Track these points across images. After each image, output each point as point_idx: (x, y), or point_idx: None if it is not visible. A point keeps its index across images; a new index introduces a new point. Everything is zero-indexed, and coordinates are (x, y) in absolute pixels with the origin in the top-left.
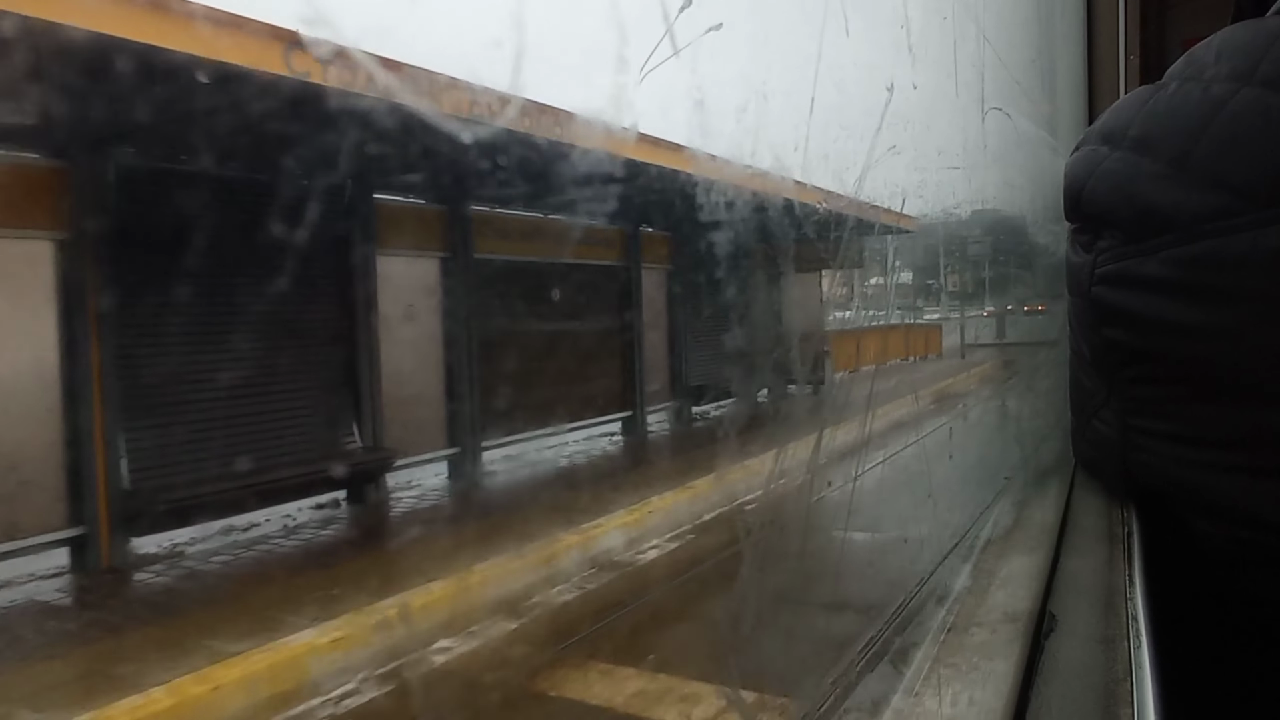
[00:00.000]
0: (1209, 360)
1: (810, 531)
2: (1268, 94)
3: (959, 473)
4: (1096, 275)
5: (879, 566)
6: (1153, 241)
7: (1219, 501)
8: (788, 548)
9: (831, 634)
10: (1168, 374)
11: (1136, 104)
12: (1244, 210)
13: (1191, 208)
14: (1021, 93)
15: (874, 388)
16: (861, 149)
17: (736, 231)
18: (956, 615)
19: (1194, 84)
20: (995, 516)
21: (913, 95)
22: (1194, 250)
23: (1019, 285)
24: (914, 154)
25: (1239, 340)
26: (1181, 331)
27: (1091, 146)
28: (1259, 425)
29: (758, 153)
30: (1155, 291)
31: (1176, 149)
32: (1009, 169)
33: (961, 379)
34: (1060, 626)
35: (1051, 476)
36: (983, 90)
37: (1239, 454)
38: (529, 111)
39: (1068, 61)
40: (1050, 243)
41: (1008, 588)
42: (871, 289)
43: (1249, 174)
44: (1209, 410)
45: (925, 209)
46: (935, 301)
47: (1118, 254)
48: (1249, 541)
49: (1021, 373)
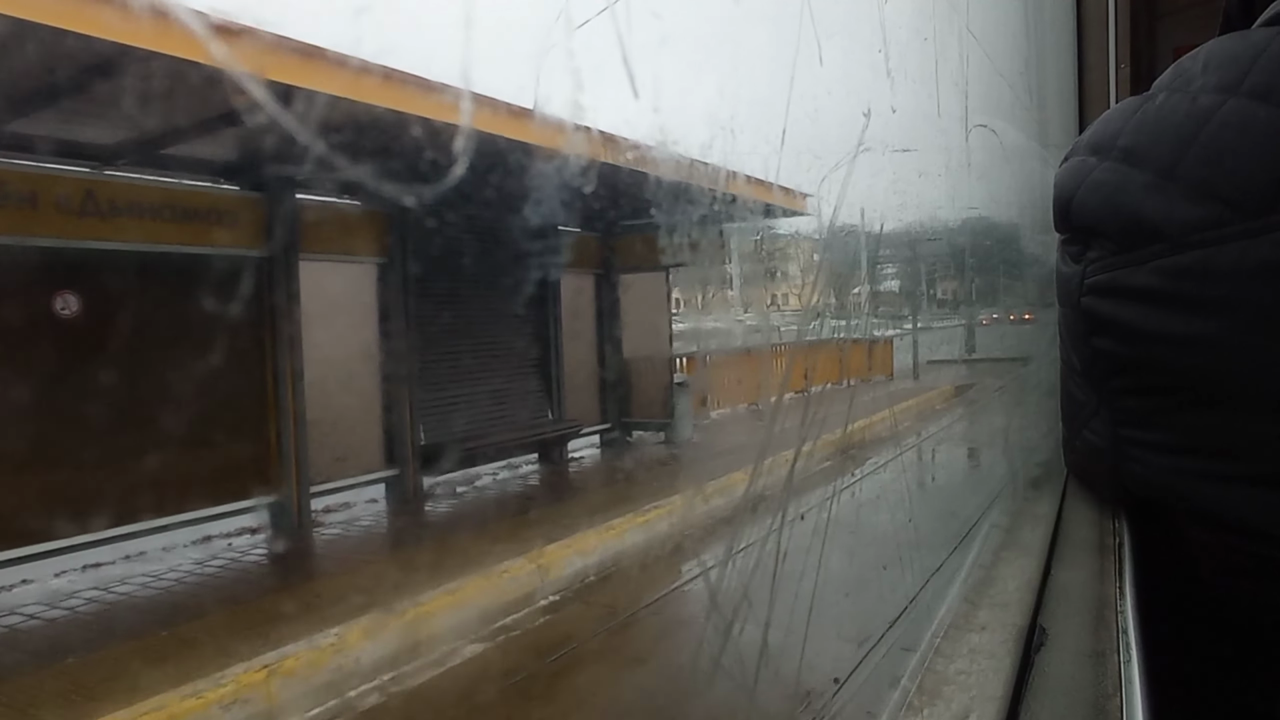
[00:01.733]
0: (1199, 369)
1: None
2: (1254, 105)
3: (860, 600)
4: (1086, 285)
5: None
6: (1142, 252)
7: (1210, 510)
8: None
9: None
10: (1158, 384)
11: (1125, 115)
12: (1232, 220)
13: (1180, 218)
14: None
15: (774, 428)
16: (837, 177)
17: (505, 203)
18: (947, 629)
19: (1181, 95)
20: (986, 528)
21: (891, 119)
22: (1183, 260)
23: (997, 294)
24: (893, 176)
25: (1228, 349)
26: (1171, 341)
27: (1081, 157)
28: (1249, 434)
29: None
30: (1145, 301)
31: (1165, 160)
32: (994, 184)
33: (904, 408)
34: (1050, 640)
35: (1043, 486)
36: (966, 107)
37: (1230, 463)
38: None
39: (1057, 72)
40: (1032, 248)
41: (998, 600)
42: (782, 296)
43: (1237, 184)
44: (1199, 419)
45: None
46: (906, 311)
47: (1107, 264)
48: (1240, 550)
49: (985, 400)
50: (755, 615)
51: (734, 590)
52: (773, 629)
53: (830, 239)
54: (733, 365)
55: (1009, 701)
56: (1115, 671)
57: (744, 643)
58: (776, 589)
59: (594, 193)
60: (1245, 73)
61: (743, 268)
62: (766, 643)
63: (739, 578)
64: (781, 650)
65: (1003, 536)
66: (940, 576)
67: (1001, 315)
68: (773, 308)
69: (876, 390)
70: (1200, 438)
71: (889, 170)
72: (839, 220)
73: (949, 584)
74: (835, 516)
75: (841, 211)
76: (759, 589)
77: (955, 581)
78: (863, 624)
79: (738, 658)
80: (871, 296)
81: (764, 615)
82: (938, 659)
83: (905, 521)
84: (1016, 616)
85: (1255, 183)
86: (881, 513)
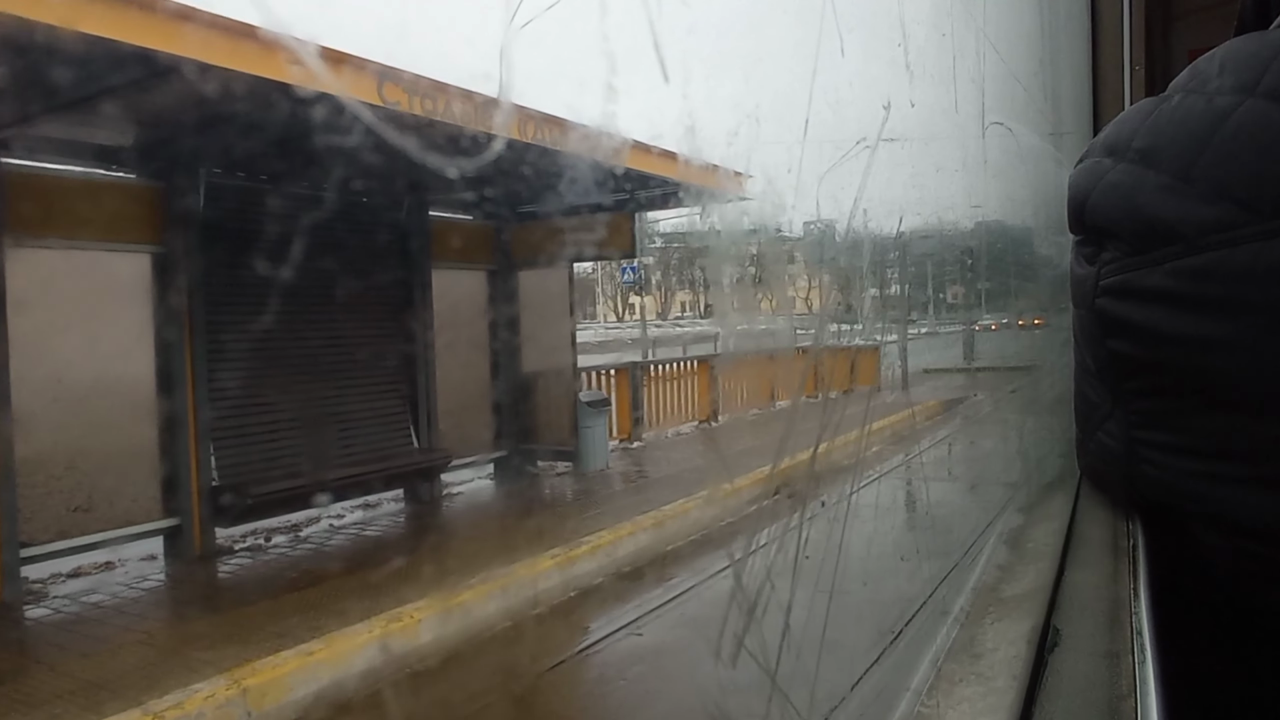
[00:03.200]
0: (1214, 372)
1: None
2: (1271, 106)
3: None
4: (1101, 287)
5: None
6: (1157, 253)
7: (1225, 514)
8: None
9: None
10: (1173, 385)
11: (1140, 116)
12: (1248, 222)
13: (1196, 220)
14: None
15: (717, 452)
16: (857, 168)
17: (352, 179)
18: (960, 630)
19: (1198, 96)
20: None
21: (910, 113)
22: (1198, 262)
23: (1006, 296)
24: (911, 170)
25: (1244, 351)
26: (1186, 343)
27: (1095, 159)
28: (1265, 437)
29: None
30: (1160, 303)
31: (1181, 161)
32: (1010, 182)
33: (879, 429)
34: (1064, 641)
35: (1057, 489)
36: (983, 104)
37: (1245, 466)
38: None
39: (1072, 73)
40: (1045, 250)
41: (1012, 601)
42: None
43: (1253, 186)
44: (1214, 422)
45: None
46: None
47: (1122, 266)
48: (1255, 554)
49: (977, 417)
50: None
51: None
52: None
53: (806, 235)
54: (682, 378)
55: (1023, 702)
56: (1130, 672)
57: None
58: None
59: (480, 169)
60: (1262, 74)
61: (695, 262)
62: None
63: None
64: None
65: (1016, 537)
66: (954, 577)
67: (1010, 320)
68: (748, 310)
69: (856, 405)
70: (1214, 440)
71: (908, 164)
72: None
73: (963, 583)
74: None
75: (824, 205)
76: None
77: (969, 581)
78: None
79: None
80: (845, 302)
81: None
82: (953, 656)
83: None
84: (1030, 617)
85: (1270, 184)
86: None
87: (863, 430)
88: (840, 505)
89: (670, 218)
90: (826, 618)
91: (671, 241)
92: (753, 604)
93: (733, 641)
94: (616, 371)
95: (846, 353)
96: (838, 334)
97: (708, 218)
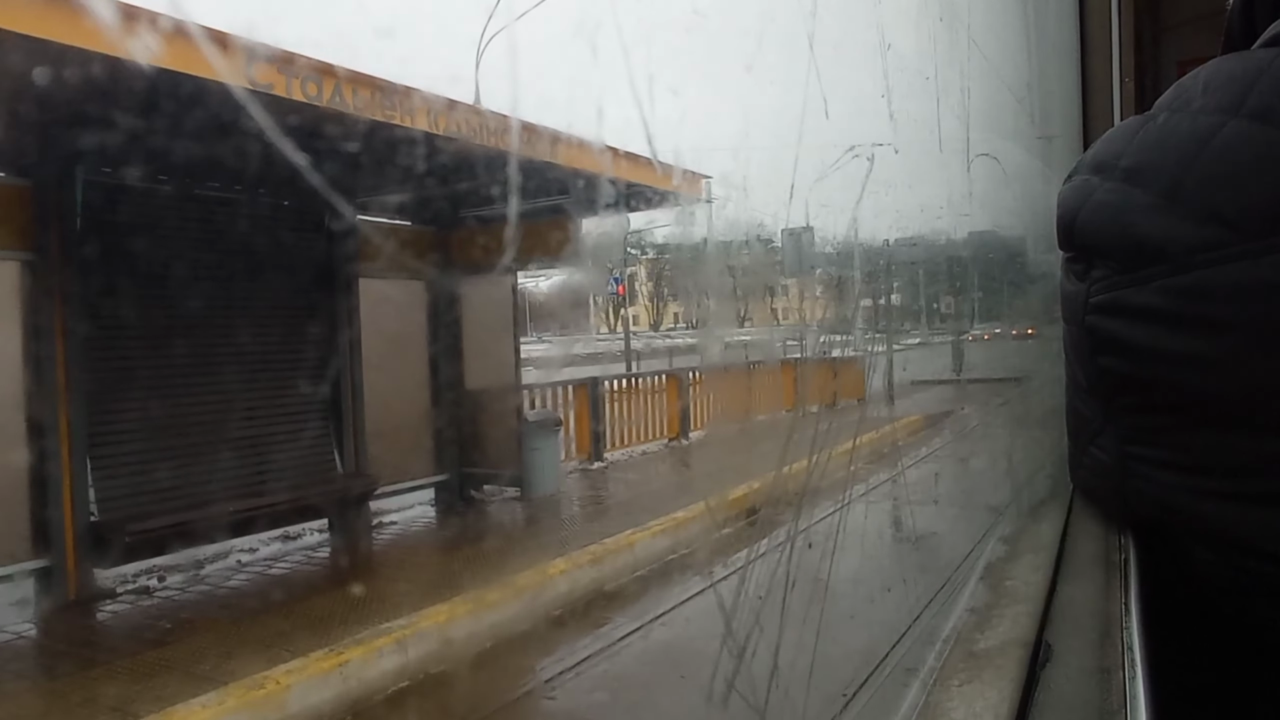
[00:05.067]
0: (1203, 388)
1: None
2: (1255, 126)
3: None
4: (1090, 304)
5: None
6: (1146, 272)
7: (1217, 529)
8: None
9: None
10: (1163, 402)
11: (1127, 135)
12: (1235, 242)
13: (1184, 239)
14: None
15: (683, 474)
16: (843, 220)
17: (264, 180)
18: (954, 644)
19: (1182, 115)
20: (993, 543)
21: (894, 160)
22: (1186, 281)
23: (999, 310)
24: (896, 215)
25: (1232, 369)
26: (1176, 360)
27: (1083, 176)
28: (1254, 453)
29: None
30: (1149, 321)
31: (1168, 180)
32: (995, 210)
33: (857, 448)
34: (1056, 656)
35: (1050, 504)
36: (968, 139)
37: (1235, 481)
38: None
39: (1062, 89)
40: (1033, 268)
41: (1004, 616)
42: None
43: (1239, 206)
44: (1205, 438)
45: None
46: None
47: (1111, 283)
48: (1247, 570)
49: (962, 433)
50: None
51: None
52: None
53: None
54: (652, 393)
55: (1013, 717)
56: (1120, 688)
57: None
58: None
59: (417, 169)
60: (1245, 94)
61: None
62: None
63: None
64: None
65: (1009, 551)
66: (947, 591)
67: (1003, 330)
68: (731, 322)
69: (843, 417)
70: (1205, 456)
71: (892, 209)
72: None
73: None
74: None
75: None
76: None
77: (962, 596)
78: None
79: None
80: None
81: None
82: (945, 671)
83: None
84: (1022, 632)
85: (1256, 205)
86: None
87: (851, 449)
88: (813, 533)
89: (656, 226)
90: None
91: (663, 252)
92: (742, 647)
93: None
94: (575, 387)
95: (829, 365)
96: (816, 346)
97: (679, 223)
